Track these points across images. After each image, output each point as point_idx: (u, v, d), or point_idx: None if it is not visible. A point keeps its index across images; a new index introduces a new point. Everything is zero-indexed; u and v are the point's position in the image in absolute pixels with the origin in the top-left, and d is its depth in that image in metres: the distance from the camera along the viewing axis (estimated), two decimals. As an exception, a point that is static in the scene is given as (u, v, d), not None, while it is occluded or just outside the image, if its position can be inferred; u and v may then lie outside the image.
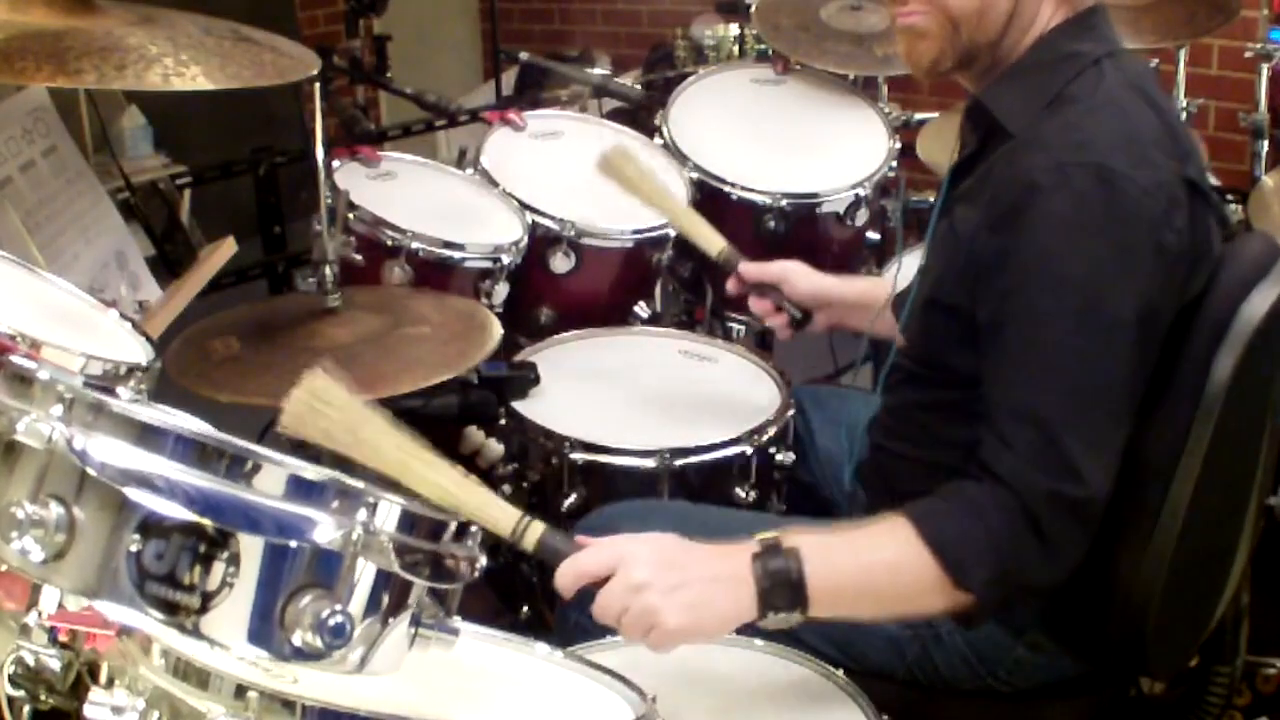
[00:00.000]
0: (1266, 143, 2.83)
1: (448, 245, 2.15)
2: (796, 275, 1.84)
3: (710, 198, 2.42)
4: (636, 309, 2.39)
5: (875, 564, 1.30)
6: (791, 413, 1.92)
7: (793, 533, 1.30)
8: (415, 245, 2.12)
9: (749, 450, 1.84)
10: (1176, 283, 1.32)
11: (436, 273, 2.15)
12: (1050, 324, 1.29)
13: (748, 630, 1.47)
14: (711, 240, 1.91)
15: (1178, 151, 1.34)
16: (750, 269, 1.85)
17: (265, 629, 0.85)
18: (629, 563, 1.24)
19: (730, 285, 1.88)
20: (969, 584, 1.27)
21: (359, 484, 0.91)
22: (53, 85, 1.72)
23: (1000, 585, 1.28)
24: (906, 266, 2.47)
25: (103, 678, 0.98)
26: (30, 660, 0.98)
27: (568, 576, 1.24)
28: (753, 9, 2.79)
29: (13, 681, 0.98)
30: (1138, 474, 1.34)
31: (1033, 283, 1.30)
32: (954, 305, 1.42)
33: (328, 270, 1.83)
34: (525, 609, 2.00)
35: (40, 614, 0.98)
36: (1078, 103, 1.35)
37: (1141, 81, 1.40)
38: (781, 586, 1.25)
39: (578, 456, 1.83)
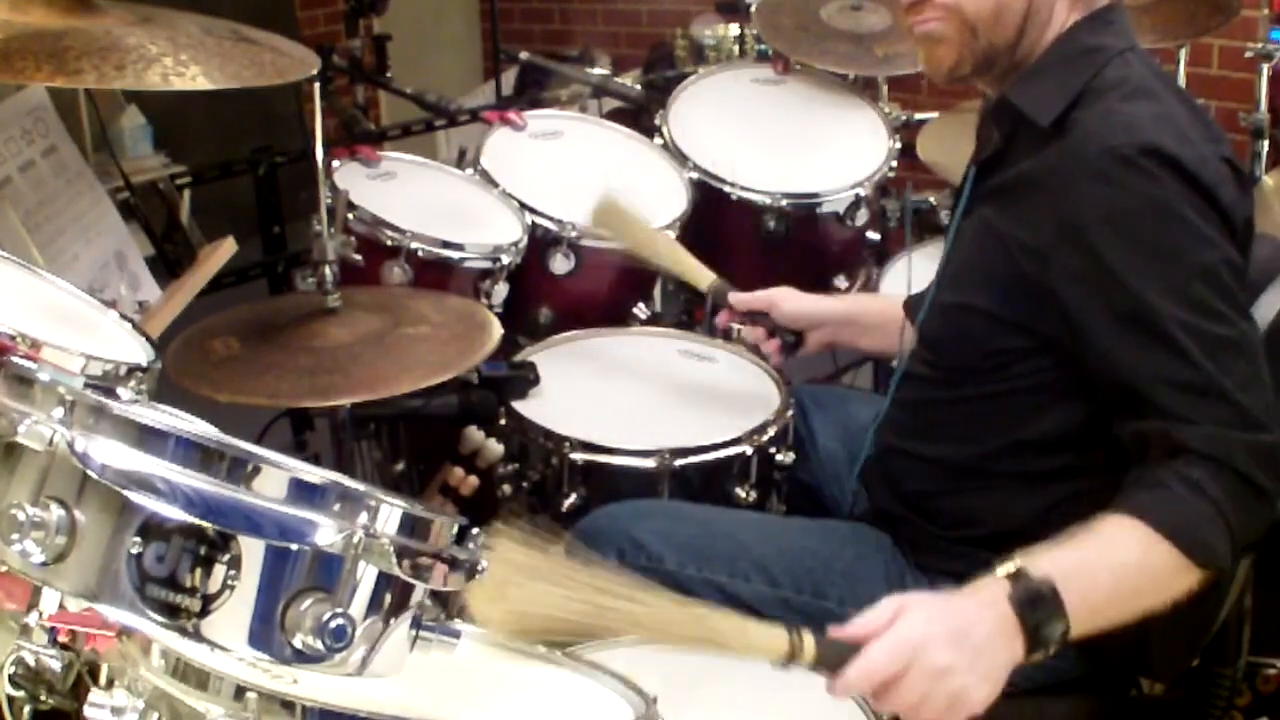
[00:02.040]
0: (1266, 143, 2.83)
1: (447, 245, 2.15)
2: (783, 299, 1.88)
3: (710, 198, 2.42)
4: (636, 309, 2.39)
5: (1126, 571, 1.25)
6: (791, 413, 1.92)
7: (1033, 558, 1.22)
8: (415, 245, 2.12)
9: (749, 450, 1.84)
10: (1239, 254, 1.34)
11: (436, 273, 2.15)
12: (1171, 298, 1.28)
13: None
14: (700, 275, 1.95)
15: (1210, 135, 1.36)
16: (739, 299, 1.89)
17: (266, 632, 0.85)
18: (925, 649, 1.16)
19: (721, 319, 1.92)
20: (1216, 561, 1.25)
21: (360, 487, 0.91)
22: (53, 85, 1.72)
23: (1237, 551, 1.27)
24: (911, 267, 2.48)
25: (103, 678, 0.98)
26: (30, 660, 0.98)
27: (859, 683, 1.16)
28: (753, 9, 2.79)
29: (13, 681, 0.98)
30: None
31: (1135, 270, 1.30)
32: (991, 309, 1.42)
33: (328, 270, 1.83)
34: (525, 609, 1.99)
35: (41, 614, 0.98)
36: (1112, 92, 1.37)
37: (1164, 74, 1.42)
38: (1046, 621, 1.20)
39: (578, 456, 1.82)
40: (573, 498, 1.84)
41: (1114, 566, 1.24)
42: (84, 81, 1.39)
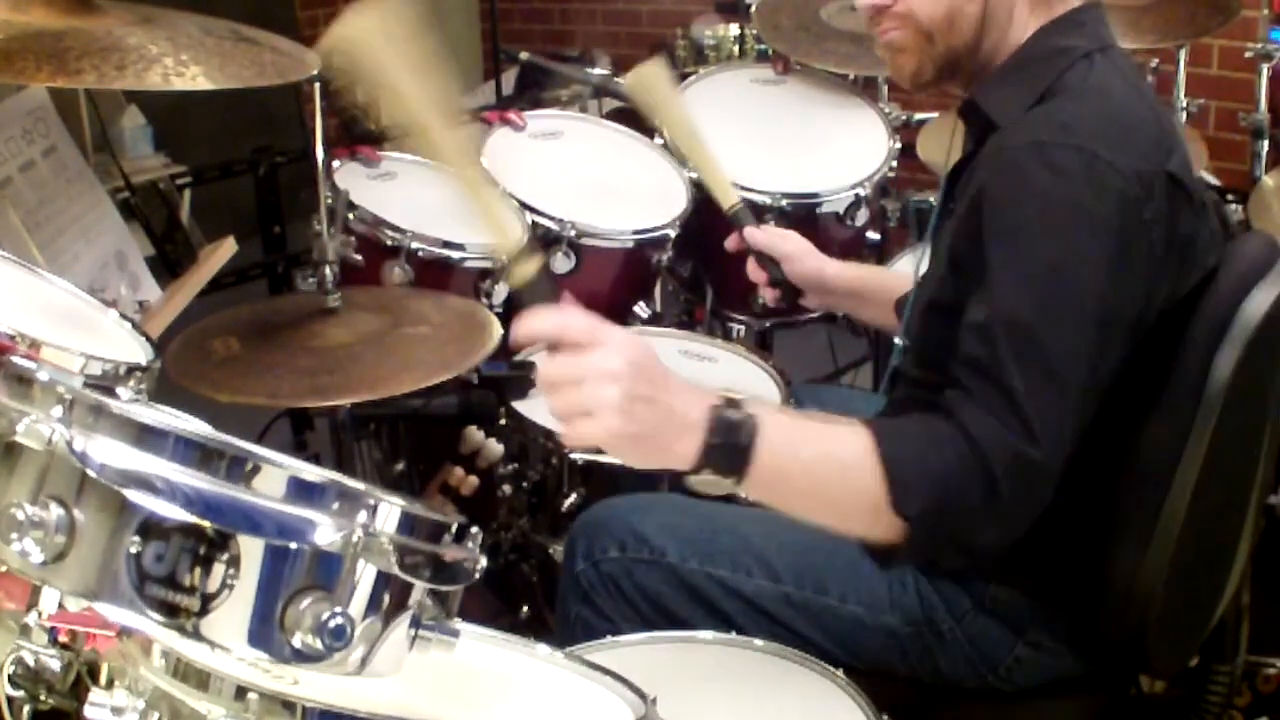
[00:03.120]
0: (1266, 143, 2.83)
1: (448, 245, 2.15)
2: (799, 255, 1.84)
3: (711, 198, 2.41)
4: (636, 309, 2.39)
5: (826, 459, 1.24)
6: (791, 413, 1.91)
7: (758, 402, 1.23)
8: (415, 245, 2.12)
9: (749, 450, 1.83)
10: (1149, 275, 1.30)
11: (436, 273, 2.15)
12: (1013, 290, 1.26)
13: (750, 631, 1.47)
14: (725, 192, 1.89)
15: (1164, 144, 1.33)
16: (756, 236, 1.84)
17: (265, 631, 0.85)
18: (611, 348, 1.16)
19: (730, 242, 1.87)
20: (906, 509, 1.21)
21: (359, 486, 0.91)
22: (53, 85, 1.72)
23: (935, 525, 1.22)
24: (906, 266, 2.49)
25: (103, 678, 0.98)
26: (30, 660, 0.98)
27: (538, 325, 1.20)
28: (753, 9, 2.79)
29: (13, 681, 0.98)
30: (1139, 472, 1.34)
31: (1002, 249, 1.28)
32: (951, 303, 1.41)
33: (328, 270, 1.83)
34: (525, 609, 2.00)
35: (40, 614, 0.98)
36: (1065, 92, 1.35)
37: (1135, 76, 1.41)
38: (727, 449, 1.19)
39: (578, 456, 1.83)
40: (573, 498, 1.84)
41: (819, 447, 1.24)
42: (84, 81, 1.39)
